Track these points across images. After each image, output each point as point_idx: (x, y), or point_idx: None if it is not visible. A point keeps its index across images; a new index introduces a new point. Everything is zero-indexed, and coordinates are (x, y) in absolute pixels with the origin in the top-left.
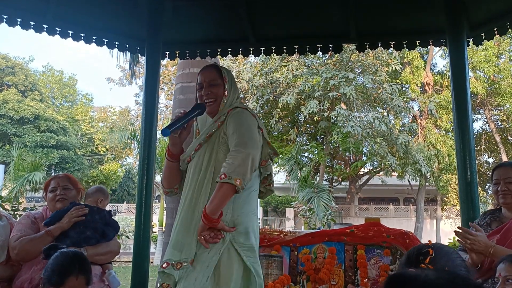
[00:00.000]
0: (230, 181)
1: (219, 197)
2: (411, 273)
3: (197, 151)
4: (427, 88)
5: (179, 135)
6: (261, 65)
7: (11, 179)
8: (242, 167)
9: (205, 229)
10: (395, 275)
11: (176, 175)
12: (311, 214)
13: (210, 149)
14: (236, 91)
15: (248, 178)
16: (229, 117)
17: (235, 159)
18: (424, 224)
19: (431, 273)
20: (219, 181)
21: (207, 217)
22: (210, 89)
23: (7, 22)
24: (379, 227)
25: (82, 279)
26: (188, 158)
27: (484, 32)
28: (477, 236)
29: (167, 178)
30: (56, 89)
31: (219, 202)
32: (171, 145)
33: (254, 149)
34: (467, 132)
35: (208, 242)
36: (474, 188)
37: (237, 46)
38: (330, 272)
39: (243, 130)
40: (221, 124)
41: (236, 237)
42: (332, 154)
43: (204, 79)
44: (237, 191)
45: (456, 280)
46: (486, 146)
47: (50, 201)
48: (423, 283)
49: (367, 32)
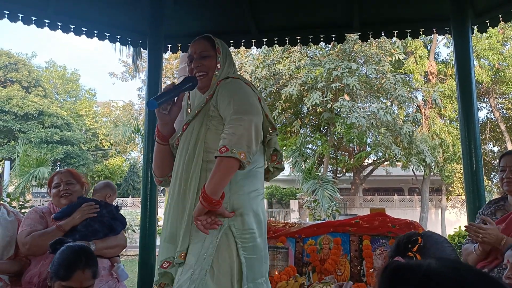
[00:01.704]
0: (233, 155)
1: (220, 174)
2: (411, 263)
3: (185, 131)
4: (431, 78)
5: (169, 112)
6: (263, 57)
7: (17, 175)
8: (246, 137)
9: (203, 212)
10: (391, 266)
11: (169, 161)
12: (315, 205)
13: (198, 126)
14: (231, 65)
15: (253, 150)
16: (220, 87)
17: (236, 128)
18: (429, 214)
19: (433, 261)
20: (219, 155)
21: (207, 198)
22: (201, 61)
23: (8, 17)
24: (384, 217)
25: (89, 273)
26: (177, 141)
27: (488, 19)
28: (488, 229)
29: (158, 164)
30: (59, 84)
31: (220, 180)
32: (160, 125)
33: (257, 115)
34: (472, 121)
35: (205, 228)
36: (480, 177)
37: (239, 37)
38: (336, 262)
39: (240, 96)
40: (209, 98)
41: (234, 220)
42: (336, 145)
43: (194, 50)
44: (241, 166)
45: (460, 268)
46: (491, 135)
47: (55, 196)
48: (425, 271)
49: (370, 21)
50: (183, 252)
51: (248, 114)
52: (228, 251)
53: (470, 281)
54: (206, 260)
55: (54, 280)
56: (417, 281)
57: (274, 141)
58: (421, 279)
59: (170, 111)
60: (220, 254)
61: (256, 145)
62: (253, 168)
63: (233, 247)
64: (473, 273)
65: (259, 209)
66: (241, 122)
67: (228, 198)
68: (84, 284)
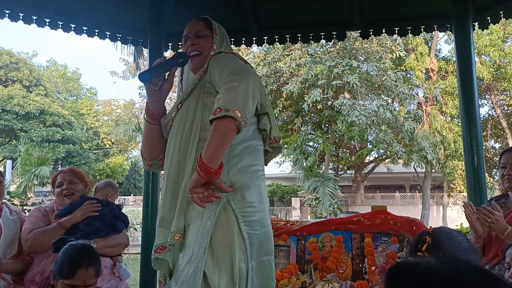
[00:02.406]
0: (228, 113)
1: (217, 139)
2: (411, 261)
3: (180, 110)
4: (432, 74)
5: (160, 88)
6: (264, 55)
7: (19, 174)
8: (240, 96)
9: (200, 183)
10: (395, 265)
11: (158, 142)
12: (317, 203)
13: (194, 104)
14: (228, 47)
15: (250, 109)
16: (212, 61)
17: (230, 89)
18: (430, 211)
19: (432, 259)
20: (214, 118)
21: (204, 167)
22: (196, 40)
23: (9, 17)
24: (385, 214)
25: (92, 271)
26: (171, 122)
27: (489, 15)
28: (498, 215)
29: (148, 146)
30: (60, 83)
31: (218, 145)
32: (150, 102)
33: (252, 76)
34: (474, 118)
35: (202, 201)
36: (481, 174)
37: (240, 35)
38: (338, 260)
39: (233, 63)
40: (203, 74)
41: (233, 194)
42: (337, 142)
43: (189, 30)
44: (238, 127)
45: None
46: (492, 131)
47: (58, 195)
48: (424, 270)
49: (370, 19)
50: (178, 233)
51: (243, 73)
52: (227, 228)
53: (470, 278)
54: (204, 238)
55: (57, 279)
56: (417, 280)
57: (264, 122)
58: (421, 278)
59: (161, 87)
60: (218, 231)
61: (253, 105)
62: (252, 144)
63: (234, 222)
64: (473, 270)
65: (261, 184)
66: (235, 82)
67: (226, 172)
68: (87, 283)
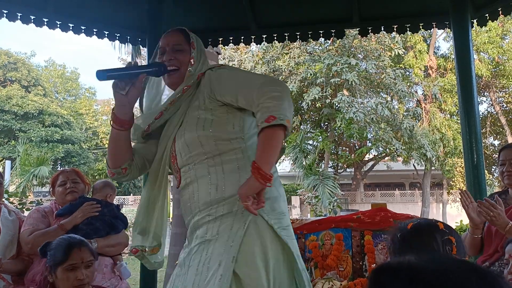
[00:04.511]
0: (282, 122)
1: (273, 145)
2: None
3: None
4: (430, 72)
5: (127, 94)
6: (262, 54)
7: (18, 174)
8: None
9: (256, 191)
10: (376, 270)
11: (125, 150)
12: (317, 201)
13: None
14: (206, 62)
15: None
16: (211, 77)
17: (275, 98)
18: (430, 208)
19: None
20: (268, 125)
21: (263, 173)
22: (174, 54)
23: (7, 17)
24: (385, 212)
25: (86, 249)
26: (147, 128)
27: (488, 12)
28: (500, 210)
29: (112, 153)
30: (59, 83)
31: (274, 151)
32: (117, 107)
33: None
34: (473, 115)
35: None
36: (481, 171)
37: (239, 34)
38: (338, 258)
39: (251, 73)
40: (187, 88)
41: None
42: (337, 141)
43: (166, 42)
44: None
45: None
46: (491, 128)
47: (60, 194)
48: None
49: (369, 16)
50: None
51: (280, 82)
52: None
53: (455, 270)
54: (233, 248)
55: (54, 270)
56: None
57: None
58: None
59: (128, 92)
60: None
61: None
62: None
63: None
64: (452, 260)
65: (283, 192)
66: (276, 92)
67: None
68: (84, 259)
